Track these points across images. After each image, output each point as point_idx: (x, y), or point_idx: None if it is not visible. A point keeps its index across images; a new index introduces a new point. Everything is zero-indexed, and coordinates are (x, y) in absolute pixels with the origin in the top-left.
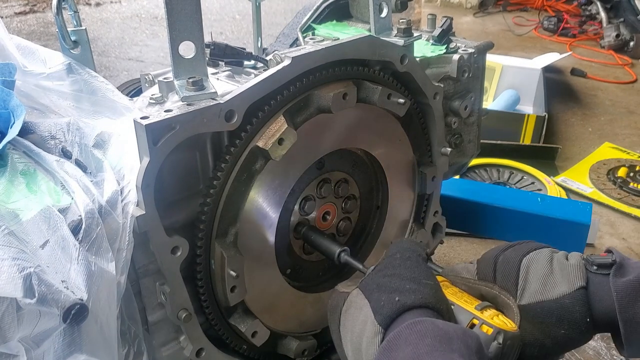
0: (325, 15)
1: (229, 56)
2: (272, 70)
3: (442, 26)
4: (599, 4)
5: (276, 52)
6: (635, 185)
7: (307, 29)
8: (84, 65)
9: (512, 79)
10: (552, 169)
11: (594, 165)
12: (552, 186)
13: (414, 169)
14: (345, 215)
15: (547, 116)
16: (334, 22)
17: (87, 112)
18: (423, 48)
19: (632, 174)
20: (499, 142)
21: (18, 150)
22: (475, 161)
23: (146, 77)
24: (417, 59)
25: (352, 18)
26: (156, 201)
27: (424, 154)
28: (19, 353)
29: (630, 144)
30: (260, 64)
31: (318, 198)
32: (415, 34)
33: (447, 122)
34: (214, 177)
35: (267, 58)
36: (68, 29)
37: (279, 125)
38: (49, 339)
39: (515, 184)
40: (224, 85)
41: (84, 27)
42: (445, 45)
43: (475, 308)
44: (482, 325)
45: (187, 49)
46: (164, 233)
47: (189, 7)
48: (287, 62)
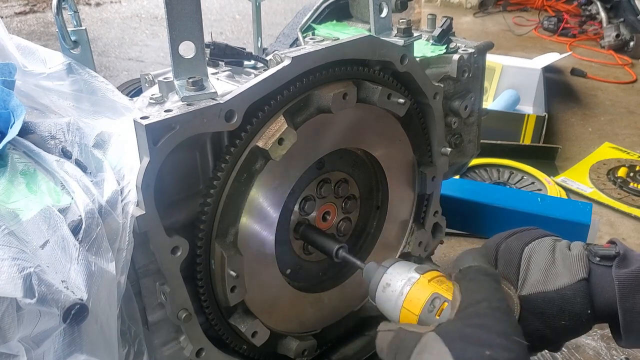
0: (325, 15)
1: (229, 56)
2: (272, 70)
3: (442, 26)
4: (599, 4)
5: (276, 52)
6: (635, 185)
7: (307, 29)
8: (84, 65)
9: (512, 79)
10: (552, 169)
11: (594, 165)
12: (552, 186)
13: (414, 169)
14: (345, 215)
15: (547, 116)
16: (334, 22)
17: (87, 112)
18: (423, 48)
19: (632, 174)
20: (499, 142)
21: (18, 150)
22: (475, 161)
23: (146, 77)
24: (417, 59)
25: (352, 18)
26: (156, 201)
27: (424, 154)
28: (19, 353)
29: (630, 144)
30: (260, 64)
31: (318, 198)
32: (415, 34)
33: (447, 122)
34: (214, 177)
35: (267, 58)
36: (68, 29)
37: (279, 125)
38: (49, 339)
39: (515, 184)
40: (224, 85)
41: (84, 27)
42: (445, 45)
43: None
44: None
45: (187, 49)
46: (164, 233)
47: (189, 7)
48: (287, 62)
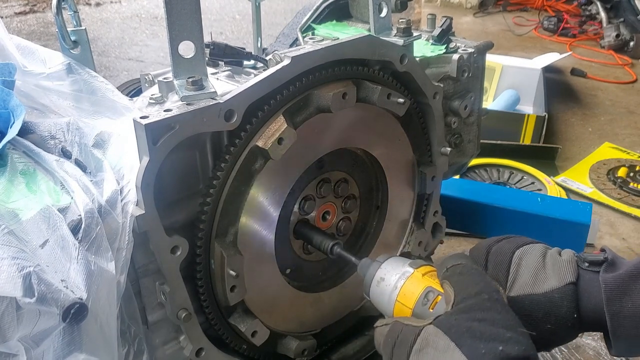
0: (325, 15)
1: (229, 56)
2: (271, 70)
3: (441, 26)
4: (599, 4)
5: (276, 51)
6: (635, 185)
7: (307, 29)
8: (84, 65)
9: (512, 79)
10: (552, 169)
11: (594, 165)
12: (552, 186)
13: (414, 169)
14: (345, 215)
15: (547, 116)
16: (334, 22)
17: (87, 112)
18: (423, 48)
19: (632, 174)
20: (499, 142)
21: (18, 150)
22: (475, 161)
23: (146, 77)
24: (417, 59)
25: (352, 18)
26: (156, 201)
27: (423, 154)
28: (18, 352)
29: (630, 144)
30: (260, 64)
31: (318, 198)
32: (415, 33)
33: (446, 122)
34: (214, 177)
35: (267, 58)
36: (68, 29)
37: (279, 125)
38: (48, 338)
39: (515, 184)
40: (224, 85)
41: (83, 27)
42: (445, 45)
43: None
44: None
45: (186, 48)
46: (163, 233)
47: (188, 7)
48: (286, 61)
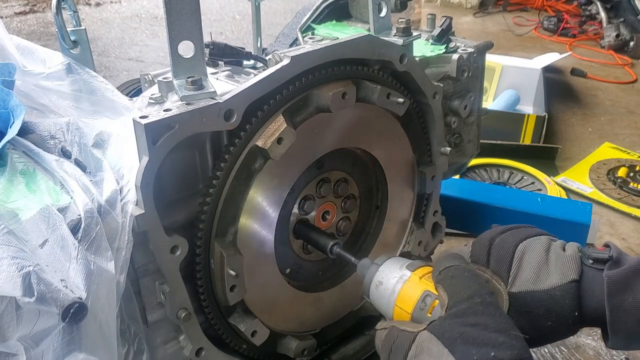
0: (325, 15)
1: (229, 56)
2: (271, 70)
3: (441, 26)
4: (599, 4)
5: (275, 51)
6: (635, 185)
7: (306, 28)
8: (84, 65)
9: (512, 79)
10: (552, 169)
11: (594, 165)
12: (552, 186)
13: (414, 169)
14: (344, 214)
15: (547, 116)
16: (334, 22)
17: (87, 112)
18: (423, 48)
19: (632, 174)
20: (499, 142)
21: (17, 149)
22: (475, 161)
23: (146, 77)
24: (417, 59)
25: (351, 18)
26: (155, 200)
27: (423, 154)
28: (18, 352)
29: (630, 144)
30: (259, 64)
31: (317, 197)
32: (415, 33)
33: (446, 122)
34: (214, 177)
35: (267, 58)
36: (68, 29)
37: (278, 125)
38: (48, 337)
39: (515, 184)
40: (223, 84)
41: (83, 27)
42: (445, 45)
43: None
44: None
45: (186, 48)
46: (163, 232)
47: (188, 7)
48: (286, 61)
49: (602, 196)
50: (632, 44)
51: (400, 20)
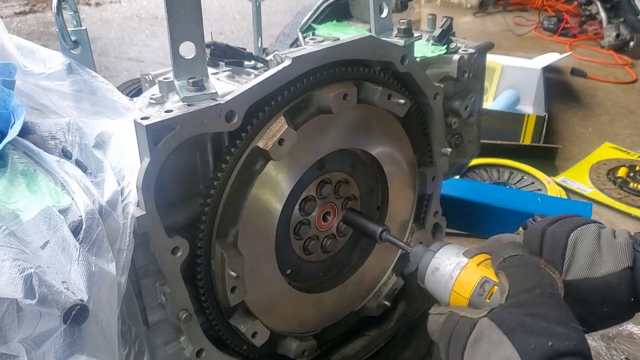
0: (326, 15)
1: (229, 56)
2: (272, 71)
3: (442, 26)
4: (599, 4)
5: (276, 52)
6: (635, 185)
7: (307, 29)
8: (84, 65)
9: (512, 79)
10: (552, 169)
11: (594, 165)
12: (552, 186)
13: (414, 169)
14: None
15: (547, 116)
16: (334, 22)
17: (87, 112)
18: (423, 48)
19: (632, 174)
20: (499, 142)
21: (18, 150)
22: (475, 161)
23: (146, 77)
24: (418, 59)
25: (352, 18)
26: (156, 202)
27: (424, 154)
28: (19, 354)
29: (630, 144)
30: (260, 64)
31: (318, 198)
32: (416, 34)
33: (447, 123)
34: (215, 178)
35: (268, 58)
36: (68, 29)
37: (280, 126)
38: (49, 339)
39: (515, 184)
40: (225, 85)
41: (84, 27)
42: (446, 46)
43: None
44: None
45: (187, 49)
46: (164, 233)
47: (189, 8)
48: (287, 62)
49: (602, 196)
50: (632, 44)
51: (401, 21)
